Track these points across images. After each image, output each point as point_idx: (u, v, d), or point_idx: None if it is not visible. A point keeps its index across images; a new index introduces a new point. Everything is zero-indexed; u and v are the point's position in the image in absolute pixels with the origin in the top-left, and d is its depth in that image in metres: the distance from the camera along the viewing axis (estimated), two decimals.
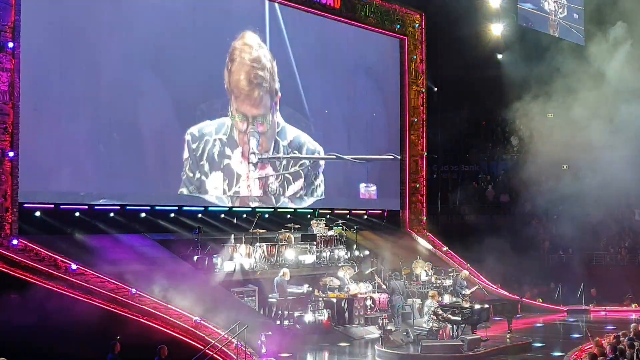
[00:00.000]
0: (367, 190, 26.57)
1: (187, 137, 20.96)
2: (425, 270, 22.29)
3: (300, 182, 23.98)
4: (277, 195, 23.21)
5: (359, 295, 20.35)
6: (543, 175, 29.80)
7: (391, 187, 27.41)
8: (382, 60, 27.62)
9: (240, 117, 22.27)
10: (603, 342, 14.32)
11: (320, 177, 24.73)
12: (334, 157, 24.52)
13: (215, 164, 21.59)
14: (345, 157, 24.70)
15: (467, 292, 20.68)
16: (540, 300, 25.31)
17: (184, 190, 20.77)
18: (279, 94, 23.30)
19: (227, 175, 21.86)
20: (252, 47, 22.59)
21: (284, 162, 23.47)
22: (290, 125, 23.69)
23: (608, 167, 29.11)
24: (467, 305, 18.27)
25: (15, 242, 16.23)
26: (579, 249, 27.87)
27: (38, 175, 17.53)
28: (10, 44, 16.50)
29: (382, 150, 27.09)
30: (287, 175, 23.55)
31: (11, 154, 16.51)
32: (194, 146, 21.08)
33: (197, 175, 21.15)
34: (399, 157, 27.40)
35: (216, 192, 21.52)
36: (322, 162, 24.76)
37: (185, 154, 20.89)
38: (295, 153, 23.74)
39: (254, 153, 22.55)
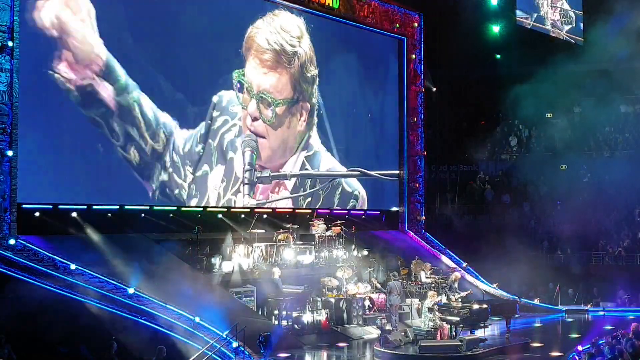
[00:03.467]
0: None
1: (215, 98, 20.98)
2: (425, 271, 22.29)
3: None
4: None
5: (358, 296, 20.35)
6: (541, 176, 29.86)
7: (389, 187, 27.42)
8: (380, 60, 27.62)
9: (247, 84, 21.53)
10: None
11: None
12: (359, 172, 22.39)
13: (221, 154, 21.24)
14: (373, 173, 22.46)
15: (456, 296, 20.48)
16: (539, 300, 25.30)
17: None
18: (308, 103, 23.02)
19: (227, 174, 21.55)
20: (287, 19, 22.36)
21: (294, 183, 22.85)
22: (324, 149, 23.23)
23: (607, 167, 29.20)
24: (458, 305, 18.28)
25: (13, 242, 16.23)
26: (578, 249, 27.87)
27: (37, 175, 17.53)
28: (10, 44, 16.50)
29: (382, 151, 27.18)
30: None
31: (10, 153, 16.50)
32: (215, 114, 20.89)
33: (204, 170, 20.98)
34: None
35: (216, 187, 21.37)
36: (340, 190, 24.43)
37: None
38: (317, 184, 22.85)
39: (250, 170, 21.19)
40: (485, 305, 18.37)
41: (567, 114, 32.71)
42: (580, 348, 15.87)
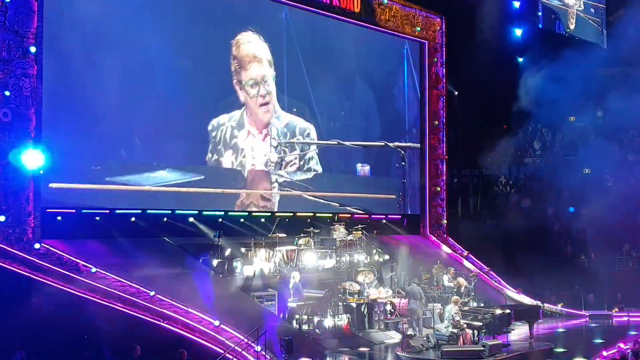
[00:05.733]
0: (362, 168, 26.22)
1: (209, 127, 21.49)
2: (447, 276, 22.21)
3: (295, 153, 24.07)
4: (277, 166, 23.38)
5: (379, 300, 20.28)
6: (565, 180, 29.61)
7: (411, 191, 27.33)
8: (401, 64, 27.59)
9: (251, 83, 22.52)
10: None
11: (312, 152, 24.63)
12: (336, 143, 24.78)
13: (227, 144, 21.90)
14: (346, 143, 24.94)
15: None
16: (562, 306, 25.10)
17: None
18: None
19: (235, 151, 22.07)
20: (249, 36, 22.75)
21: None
22: (283, 112, 23.70)
23: (631, 170, 28.92)
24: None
25: (38, 246, 16.37)
26: (601, 254, 27.60)
27: (60, 180, 17.70)
28: (33, 50, 16.66)
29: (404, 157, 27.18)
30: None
31: None
32: (213, 134, 21.56)
33: (216, 156, 21.55)
34: (391, 145, 26.93)
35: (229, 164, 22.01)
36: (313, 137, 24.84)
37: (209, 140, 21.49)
38: (299, 138, 24.08)
39: (274, 138, 23.09)
40: (508, 311, 18.25)
41: (590, 117, 32.42)
42: (605, 354, 15.72)
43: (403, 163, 27.36)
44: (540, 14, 30.55)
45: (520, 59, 31.74)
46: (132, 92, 19.37)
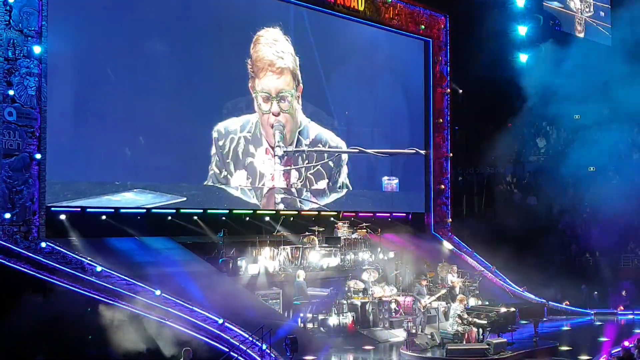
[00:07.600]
0: (389, 182, 26.31)
1: (214, 134, 21.04)
2: (451, 274, 22.19)
3: (323, 183, 23.74)
4: (299, 189, 23.08)
5: (384, 299, 20.28)
6: (569, 178, 29.57)
7: (416, 189, 27.32)
8: (406, 62, 27.57)
9: (263, 96, 21.99)
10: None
11: (344, 176, 24.41)
12: (357, 150, 24.34)
13: (240, 161, 21.54)
14: (369, 150, 24.56)
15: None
16: (567, 304, 25.06)
17: (210, 182, 20.89)
18: (301, 84, 23.10)
19: (250, 173, 21.81)
20: (276, 33, 22.56)
21: (307, 159, 23.29)
22: (313, 122, 23.53)
23: (636, 168, 28.84)
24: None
25: (43, 245, 16.38)
26: (606, 251, 27.56)
27: (65, 179, 17.73)
28: (37, 49, 16.69)
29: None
30: (309, 175, 23.33)
31: (38, 156, 16.67)
32: (220, 143, 21.15)
33: (224, 173, 21.20)
34: (422, 152, 27.14)
35: (240, 187, 21.65)
36: (344, 157, 24.54)
37: (213, 150, 20.99)
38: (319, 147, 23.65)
39: (279, 146, 22.48)
40: (513, 309, 18.22)
41: (595, 114, 32.32)
42: (613, 352, 15.69)
43: None
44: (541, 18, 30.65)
45: (525, 57, 31.65)
46: (137, 91, 19.35)
